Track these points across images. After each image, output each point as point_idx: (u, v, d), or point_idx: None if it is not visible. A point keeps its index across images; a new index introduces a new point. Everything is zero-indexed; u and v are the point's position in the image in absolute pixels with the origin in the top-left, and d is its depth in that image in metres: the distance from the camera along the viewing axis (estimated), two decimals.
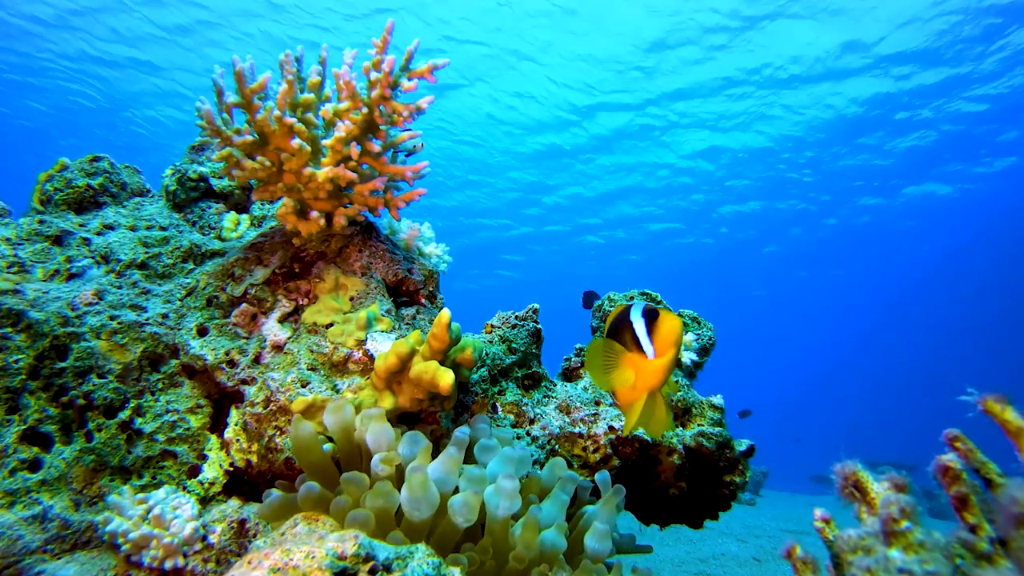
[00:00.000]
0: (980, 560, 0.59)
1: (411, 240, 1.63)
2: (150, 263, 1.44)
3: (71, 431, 1.20)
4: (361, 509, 0.86)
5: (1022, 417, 0.62)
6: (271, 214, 1.68)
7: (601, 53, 9.89)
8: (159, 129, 12.44)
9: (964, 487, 0.62)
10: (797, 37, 9.04)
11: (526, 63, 10.21)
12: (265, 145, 1.25)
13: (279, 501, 0.99)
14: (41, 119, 12.34)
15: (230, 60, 1.21)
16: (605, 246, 17.87)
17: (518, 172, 14.03)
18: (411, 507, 0.88)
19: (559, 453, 1.40)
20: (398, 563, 0.74)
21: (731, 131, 11.87)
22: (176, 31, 9.28)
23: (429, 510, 0.89)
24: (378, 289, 1.37)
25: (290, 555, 0.70)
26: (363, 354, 1.22)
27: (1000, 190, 13.25)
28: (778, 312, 24.45)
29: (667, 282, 20.30)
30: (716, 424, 1.53)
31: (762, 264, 18.38)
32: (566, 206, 15.63)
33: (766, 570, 3.63)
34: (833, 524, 0.70)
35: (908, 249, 17.31)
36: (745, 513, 5.77)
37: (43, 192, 1.55)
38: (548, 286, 21.74)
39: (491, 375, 1.47)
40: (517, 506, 0.91)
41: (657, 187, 14.22)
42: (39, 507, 1.11)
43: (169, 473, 1.23)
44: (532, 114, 11.71)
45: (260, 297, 1.35)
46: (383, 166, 1.34)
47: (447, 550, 0.92)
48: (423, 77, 1.31)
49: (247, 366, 1.27)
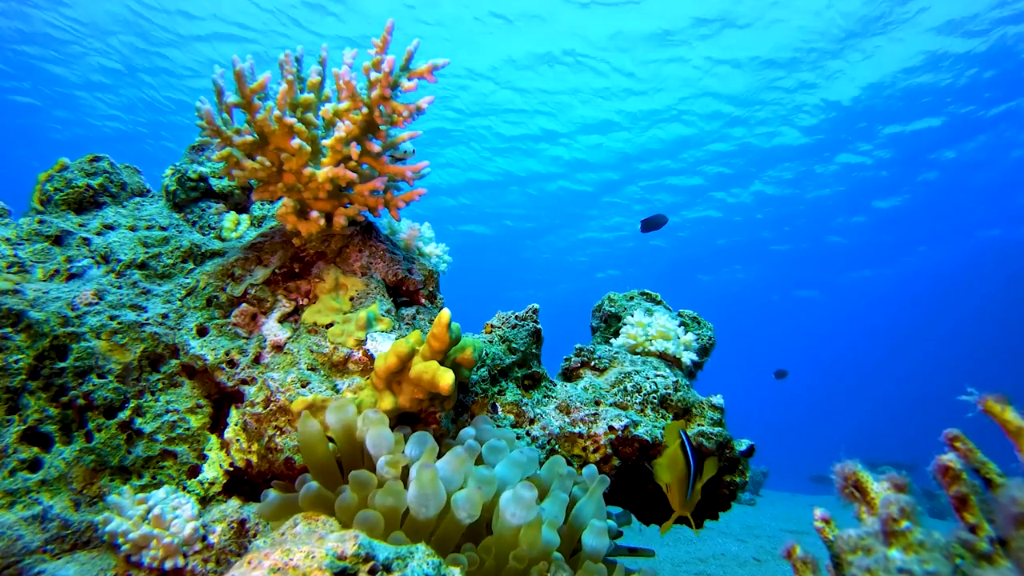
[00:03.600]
0: (980, 560, 0.59)
1: (411, 240, 1.63)
2: (150, 263, 1.44)
3: (71, 431, 1.20)
4: (369, 510, 0.86)
5: (1022, 417, 0.62)
6: (271, 214, 1.68)
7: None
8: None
9: (964, 487, 0.62)
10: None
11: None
12: (265, 145, 1.25)
13: (279, 500, 0.99)
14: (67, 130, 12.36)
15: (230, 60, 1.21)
16: (610, 241, 17.81)
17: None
18: (419, 504, 0.88)
19: (559, 453, 1.40)
20: (398, 563, 0.74)
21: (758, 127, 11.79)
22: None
23: (437, 508, 0.89)
24: (378, 289, 1.37)
25: (290, 555, 0.70)
26: (363, 354, 1.22)
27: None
28: (779, 312, 24.47)
29: (667, 282, 20.33)
30: (716, 424, 1.53)
31: (770, 262, 18.36)
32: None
33: (766, 570, 3.63)
34: (833, 524, 0.70)
35: (914, 251, 17.30)
36: (745, 513, 5.77)
37: (43, 192, 1.55)
38: (549, 286, 21.77)
39: (491, 375, 1.47)
40: (532, 516, 0.91)
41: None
42: (39, 507, 1.11)
43: (169, 473, 1.23)
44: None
45: (260, 297, 1.35)
46: (383, 166, 1.34)
47: (448, 550, 0.92)
48: (423, 77, 1.31)
49: (247, 366, 1.27)
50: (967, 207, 14.11)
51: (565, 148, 12.96)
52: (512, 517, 0.91)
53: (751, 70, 9.98)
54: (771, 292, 21.59)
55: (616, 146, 12.66)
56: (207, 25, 9.23)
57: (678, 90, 10.68)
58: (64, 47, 9.78)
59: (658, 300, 2.00)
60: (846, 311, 24.63)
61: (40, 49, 9.85)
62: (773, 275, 19.35)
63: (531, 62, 10.15)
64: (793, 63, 9.74)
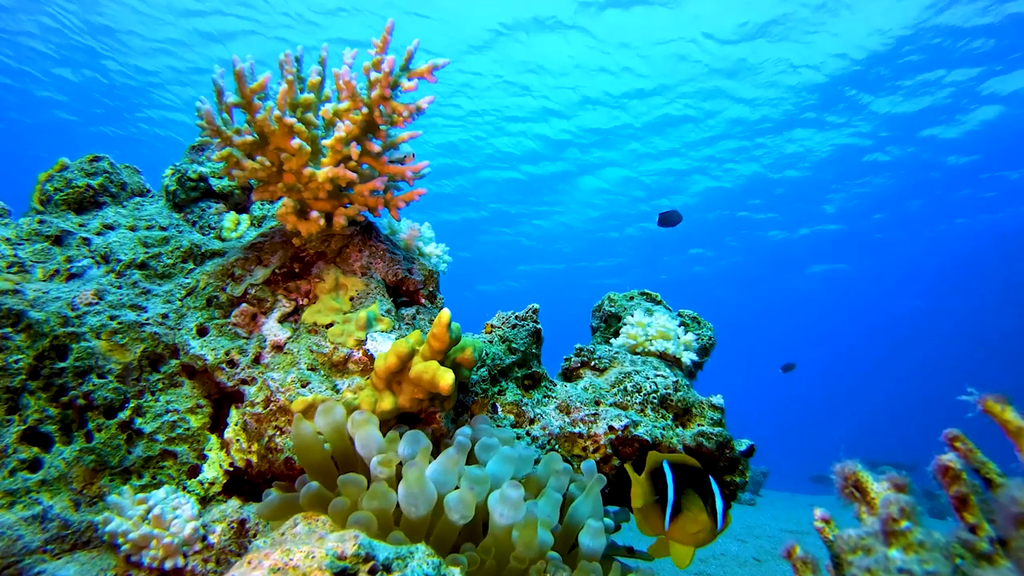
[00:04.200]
0: (980, 560, 0.59)
1: (411, 240, 1.63)
2: (150, 263, 1.44)
3: (71, 431, 1.20)
4: (361, 511, 0.86)
5: (1022, 417, 0.62)
6: (271, 214, 1.68)
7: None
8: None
9: (964, 487, 0.62)
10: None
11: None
12: (265, 145, 1.25)
13: (279, 500, 0.99)
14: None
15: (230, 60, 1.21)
16: (616, 239, 17.77)
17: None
18: (408, 503, 0.88)
19: (559, 453, 1.40)
20: (398, 563, 0.74)
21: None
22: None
23: (426, 507, 0.89)
24: (378, 289, 1.37)
25: (290, 555, 0.70)
26: (363, 354, 1.22)
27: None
28: (779, 313, 24.47)
29: (668, 278, 20.30)
30: (716, 424, 1.53)
31: (767, 257, 18.33)
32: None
33: (766, 570, 3.63)
34: (833, 524, 0.70)
35: (919, 252, 17.27)
36: (745, 513, 5.77)
37: (43, 192, 1.55)
38: (547, 286, 21.74)
39: (491, 375, 1.47)
40: (520, 516, 0.91)
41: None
42: (39, 507, 1.11)
43: (169, 473, 1.23)
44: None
45: (260, 297, 1.35)
46: (383, 166, 1.34)
47: (446, 550, 0.92)
48: (423, 77, 1.31)
49: (247, 366, 1.27)
50: (968, 206, 14.10)
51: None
52: (500, 517, 0.91)
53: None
54: (771, 291, 21.59)
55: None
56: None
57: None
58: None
59: (658, 300, 2.00)
60: (847, 311, 24.64)
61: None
62: (772, 275, 19.35)
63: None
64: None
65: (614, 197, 15.09)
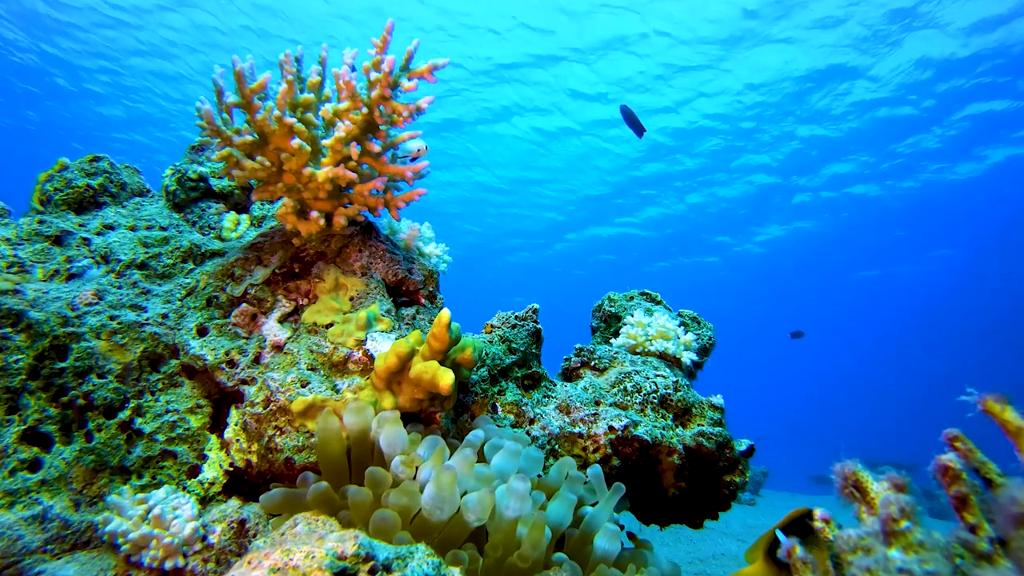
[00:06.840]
0: (980, 560, 0.59)
1: (411, 240, 1.63)
2: (150, 263, 1.44)
3: (71, 431, 1.20)
4: (385, 509, 0.86)
5: (1022, 417, 0.62)
6: (271, 214, 1.68)
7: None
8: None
9: (964, 487, 0.62)
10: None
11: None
12: (265, 145, 1.25)
13: (282, 495, 0.99)
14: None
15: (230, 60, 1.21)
16: (618, 237, 17.73)
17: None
18: (434, 506, 0.88)
19: (559, 453, 1.40)
20: (398, 563, 0.74)
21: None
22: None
23: (451, 510, 0.89)
24: (378, 289, 1.37)
25: (290, 555, 0.70)
26: (363, 354, 1.22)
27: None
28: (780, 313, 24.46)
29: (669, 276, 20.28)
30: (716, 424, 1.53)
31: (767, 259, 18.32)
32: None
33: None
34: (833, 524, 0.70)
35: (922, 251, 17.25)
36: (745, 513, 5.77)
37: (43, 192, 1.55)
38: (547, 286, 21.72)
39: (491, 375, 1.47)
40: (528, 509, 0.91)
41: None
42: (39, 507, 1.11)
43: (169, 473, 1.23)
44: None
45: (260, 297, 1.35)
46: (383, 166, 1.34)
47: (450, 550, 0.92)
48: (423, 77, 1.31)
49: (247, 366, 1.27)
50: (971, 207, 14.08)
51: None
52: (507, 510, 0.91)
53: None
54: (772, 290, 21.58)
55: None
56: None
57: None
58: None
59: (658, 300, 2.00)
60: (846, 311, 24.64)
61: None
62: (773, 273, 19.34)
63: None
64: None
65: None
